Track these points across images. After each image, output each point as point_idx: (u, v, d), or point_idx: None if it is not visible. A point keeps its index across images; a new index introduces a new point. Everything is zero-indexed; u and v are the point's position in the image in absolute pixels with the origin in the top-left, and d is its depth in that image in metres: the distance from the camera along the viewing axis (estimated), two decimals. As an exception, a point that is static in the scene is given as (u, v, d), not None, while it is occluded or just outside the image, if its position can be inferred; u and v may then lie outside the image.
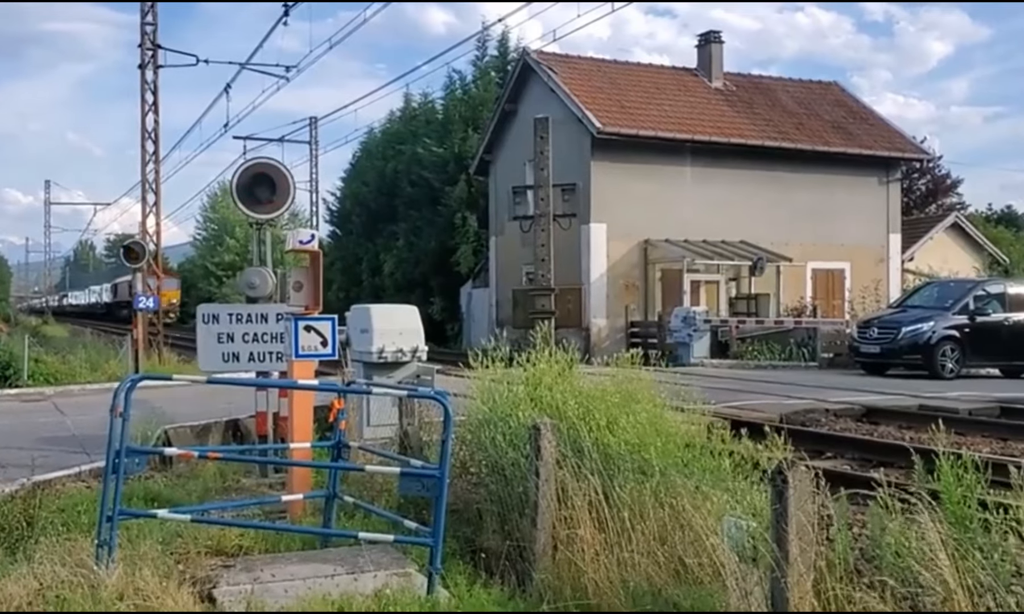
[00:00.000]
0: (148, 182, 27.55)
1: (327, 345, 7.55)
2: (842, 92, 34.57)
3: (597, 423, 6.80)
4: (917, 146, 34.99)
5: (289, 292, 8.08)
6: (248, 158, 11.64)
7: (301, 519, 7.19)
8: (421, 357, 9.31)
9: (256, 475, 9.04)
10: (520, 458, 6.54)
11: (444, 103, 40.84)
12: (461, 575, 5.85)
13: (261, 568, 5.69)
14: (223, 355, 9.29)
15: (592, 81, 29.37)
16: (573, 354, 8.02)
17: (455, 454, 7.09)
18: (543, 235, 10.33)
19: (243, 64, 29.50)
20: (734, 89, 31.68)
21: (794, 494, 4.09)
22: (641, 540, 5.52)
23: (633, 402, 7.22)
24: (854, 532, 5.66)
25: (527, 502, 6.21)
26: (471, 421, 7.48)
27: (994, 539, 4.56)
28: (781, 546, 4.08)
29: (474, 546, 6.61)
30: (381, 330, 9.16)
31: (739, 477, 5.80)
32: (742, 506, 5.29)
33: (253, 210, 9.78)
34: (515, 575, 6.08)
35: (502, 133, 31.80)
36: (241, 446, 10.29)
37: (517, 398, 7.35)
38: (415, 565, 5.82)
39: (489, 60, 40.39)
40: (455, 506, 7.01)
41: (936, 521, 4.45)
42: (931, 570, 4.31)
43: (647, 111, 28.59)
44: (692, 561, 5.19)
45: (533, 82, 29.95)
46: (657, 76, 31.65)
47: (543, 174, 10.20)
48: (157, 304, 25.47)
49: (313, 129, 49.17)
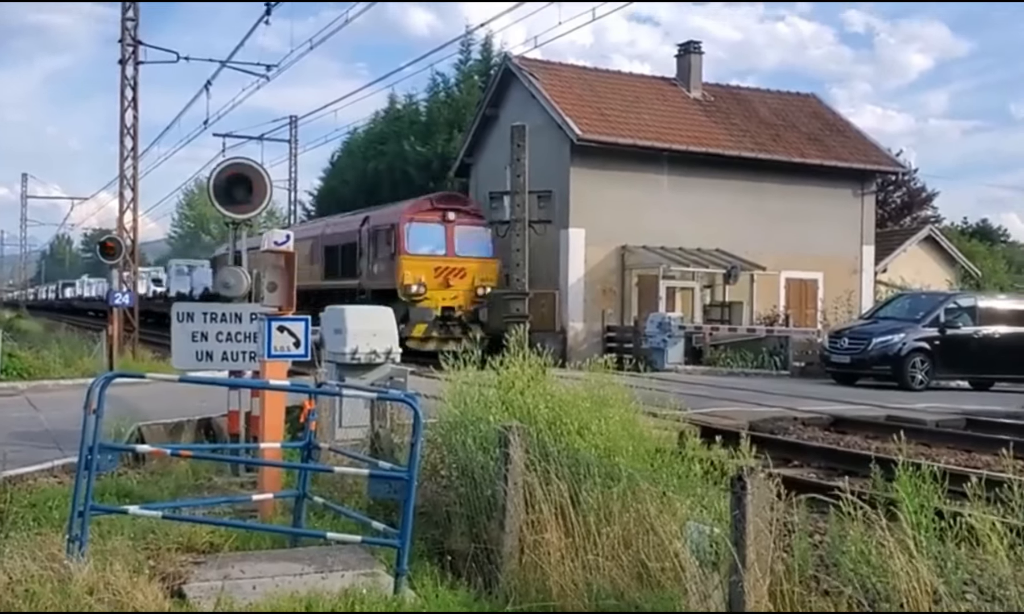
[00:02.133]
0: (126, 178, 27.44)
1: (300, 346, 7.60)
2: (819, 104, 34.88)
3: (568, 428, 6.90)
4: (892, 159, 35.35)
5: (263, 292, 8.13)
6: (227, 156, 11.65)
7: (271, 518, 7.24)
8: (395, 359, 9.37)
9: (228, 474, 9.08)
10: (490, 462, 6.62)
11: (428, 105, 40.88)
12: (428, 576, 5.92)
13: (231, 565, 5.74)
14: (197, 354, 9.31)
15: (573, 88, 29.51)
16: (547, 358, 8.10)
17: (425, 457, 7.16)
18: (519, 240, 10.43)
19: (224, 62, 29.47)
20: (712, 99, 31.91)
21: (752, 500, 4.20)
22: (606, 544, 5.61)
23: (605, 407, 7.31)
24: (815, 539, 5.79)
25: (495, 506, 6.30)
26: (442, 424, 7.56)
27: (949, 547, 4.69)
28: (739, 550, 4.19)
29: (442, 548, 6.69)
30: (355, 331, 9.21)
31: (706, 483, 5.91)
32: (707, 512, 5.39)
33: (230, 210, 9.81)
34: (482, 577, 6.16)
35: (483, 137, 31.89)
36: (213, 444, 10.32)
37: (488, 402, 7.43)
38: (383, 566, 5.90)
39: (473, 64, 40.49)
40: (424, 508, 7.09)
41: (890, 530, 4.57)
42: (886, 577, 4.44)
43: (626, 119, 28.77)
44: (655, 565, 5.29)
45: (515, 87, 30.06)
46: (637, 85, 31.85)
47: (520, 180, 10.30)
48: (133, 300, 25.36)
49: (293, 128, 49.07)
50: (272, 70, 28.98)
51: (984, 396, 18.70)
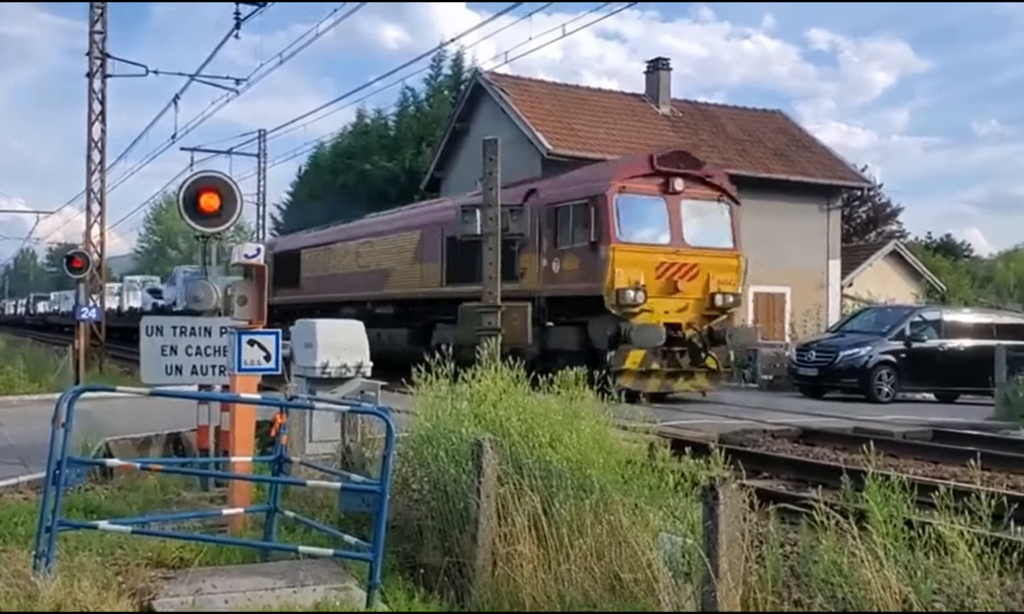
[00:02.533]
0: (93, 192, 27.17)
1: (270, 359, 7.56)
2: (785, 120, 35.26)
3: (540, 440, 6.90)
4: (858, 174, 35.78)
5: (233, 306, 8.08)
6: (195, 170, 11.60)
7: (242, 533, 7.18)
8: (366, 373, 9.33)
9: (197, 488, 8.99)
10: (462, 475, 6.61)
11: (397, 119, 40.90)
12: (400, 590, 5.91)
13: (201, 580, 5.69)
14: (166, 368, 9.24)
15: (543, 103, 29.64)
16: (519, 371, 8.10)
17: (397, 470, 7.13)
18: (491, 254, 10.44)
19: (193, 76, 29.33)
20: (680, 115, 32.17)
21: (725, 510, 4.23)
22: (579, 556, 5.63)
23: (576, 419, 7.33)
24: (786, 550, 5.83)
25: (468, 518, 6.29)
26: (414, 438, 7.53)
27: (918, 556, 4.74)
28: (712, 560, 4.21)
29: (414, 562, 6.67)
30: (326, 345, 9.16)
31: (677, 495, 5.93)
32: (680, 523, 5.42)
33: (199, 223, 9.76)
34: (454, 591, 6.14)
35: (453, 151, 31.95)
36: (183, 459, 10.23)
37: (460, 415, 7.42)
38: (355, 580, 5.86)
39: (443, 79, 40.59)
40: (396, 522, 7.06)
41: (861, 540, 4.61)
42: (856, 587, 4.48)
43: (596, 134, 28.92)
44: (628, 576, 5.30)
45: (485, 102, 30.15)
46: (606, 101, 32.05)
47: (491, 194, 10.32)
48: (100, 315, 25.09)
49: (262, 142, 48.85)
50: (241, 84, 28.91)
51: (950, 408, 18.92)
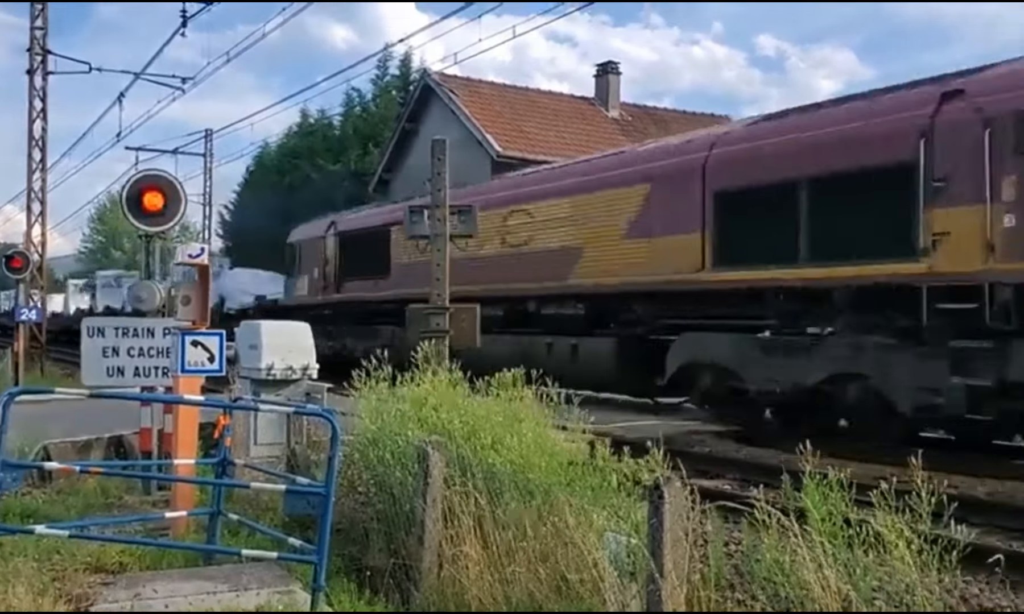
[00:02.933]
0: (34, 191, 26.63)
1: (214, 361, 7.47)
2: (733, 125, 35.64)
3: (482, 443, 6.89)
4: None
5: (177, 306, 7.97)
6: (139, 170, 11.42)
7: (185, 536, 7.08)
8: (311, 375, 9.25)
9: (139, 492, 8.84)
10: (408, 477, 6.59)
11: (343, 120, 40.67)
12: (345, 593, 5.86)
13: (142, 585, 5.60)
14: (107, 369, 9.09)
15: (493, 105, 29.64)
16: (455, 374, 8.06)
17: (343, 473, 7.08)
18: (439, 255, 10.40)
19: (138, 74, 28.89)
20: (630, 119, 32.37)
21: (670, 509, 4.25)
22: (525, 557, 5.63)
23: (518, 421, 7.32)
24: (730, 548, 5.88)
25: (414, 521, 6.26)
26: (360, 440, 7.49)
27: (857, 554, 4.80)
28: (657, 559, 4.23)
29: (359, 565, 6.63)
30: (271, 346, 9.07)
31: (622, 495, 5.96)
32: (625, 523, 5.44)
33: (143, 222, 9.61)
34: (400, 593, 6.12)
35: (402, 152, 31.81)
36: (124, 462, 10.05)
37: (405, 417, 7.39)
38: (299, 583, 5.81)
39: (390, 79, 40.44)
40: (341, 525, 7.01)
41: (802, 538, 4.66)
42: (798, 585, 4.53)
43: (546, 137, 28.99)
44: (574, 577, 5.31)
45: (434, 103, 30.07)
46: (556, 103, 32.14)
47: (440, 195, 10.27)
48: (40, 316, 24.58)
49: (208, 141, 48.24)
50: (187, 83, 28.52)
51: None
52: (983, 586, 5.89)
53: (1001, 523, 7.83)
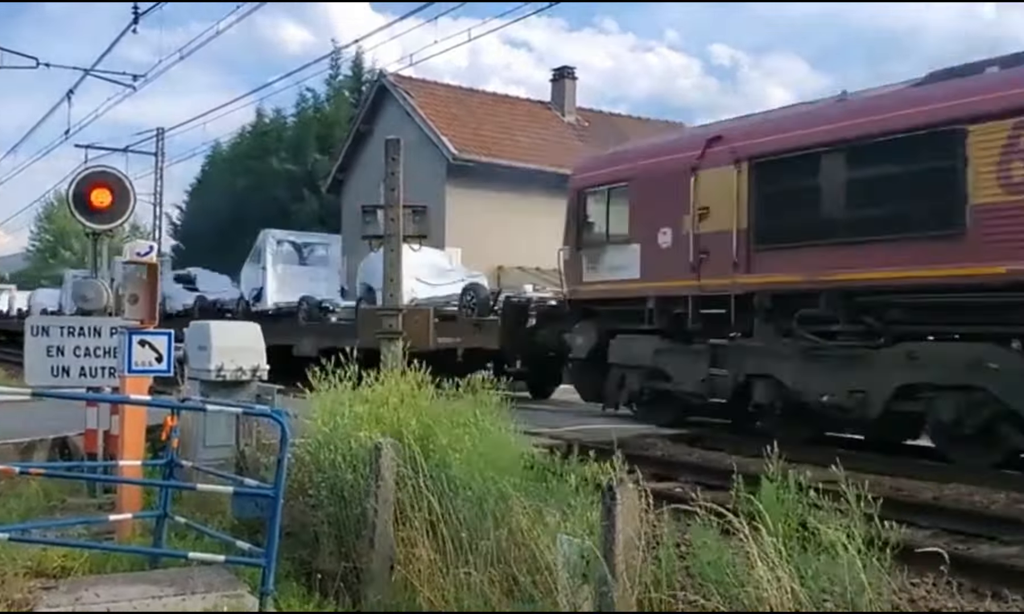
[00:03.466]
0: (-23, 187, 26.07)
1: (162, 361, 7.34)
2: (688, 132, 35.93)
3: (440, 444, 6.85)
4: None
5: (124, 305, 7.82)
6: (88, 166, 11.22)
7: (130, 540, 6.94)
8: (262, 376, 9.12)
9: (84, 494, 8.66)
10: (359, 480, 6.52)
11: (297, 120, 40.39)
12: (294, 596, 5.79)
13: (84, 589, 5.47)
14: (52, 369, 8.89)
15: (449, 108, 29.57)
16: (422, 375, 8.02)
17: (293, 476, 6.99)
18: (392, 255, 10.33)
19: (88, 70, 28.42)
20: (586, 125, 32.48)
21: (622, 511, 4.24)
22: (478, 559, 5.59)
23: (477, 423, 7.29)
24: (682, 550, 5.89)
25: (365, 523, 6.20)
26: (311, 443, 7.40)
27: (809, 556, 4.83)
28: (609, 560, 4.22)
29: (309, 568, 6.54)
30: (221, 347, 8.92)
31: (577, 497, 5.94)
32: (579, 525, 5.42)
33: (90, 220, 9.42)
34: (350, 596, 6.05)
35: (356, 153, 31.63)
36: (68, 463, 9.83)
37: (359, 419, 7.32)
38: (247, 586, 5.72)
39: (343, 80, 40.24)
40: (291, 529, 6.92)
41: (755, 541, 4.68)
42: (749, 586, 4.54)
43: (502, 140, 28.99)
44: (526, 579, 5.29)
45: (389, 104, 29.93)
46: (513, 107, 32.16)
47: (394, 194, 10.21)
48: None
49: (159, 140, 47.59)
50: (139, 80, 28.10)
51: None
52: (930, 588, 5.95)
53: (947, 526, 7.95)
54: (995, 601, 5.80)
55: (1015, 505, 8.77)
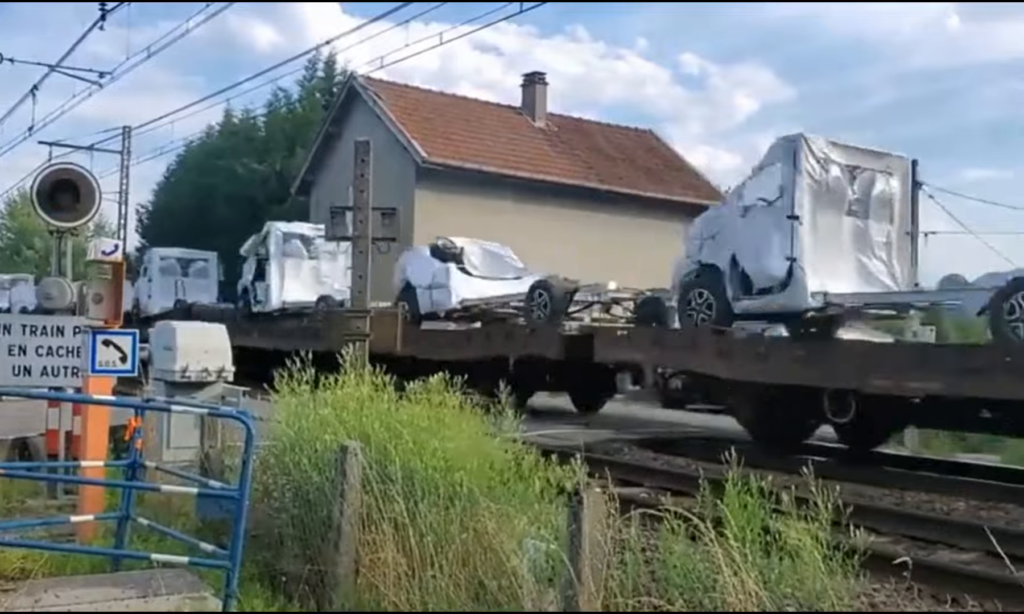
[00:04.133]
0: (-62, 183, 25.67)
1: (127, 361, 7.27)
2: (656, 140, 36.11)
3: (405, 447, 6.83)
4: (721, 195, 36.84)
5: (88, 304, 7.74)
6: (52, 162, 11.10)
7: (92, 541, 6.85)
8: (228, 378, 9.06)
9: (44, 496, 8.54)
10: (325, 482, 6.48)
11: (267, 120, 40.15)
12: (258, 599, 5.75)
13: (44, 591, 5.39)
14: (13, 369, 8.76)
15: (419, 111, 29.53)
16: (384, 377, 7.99)
17: (258, 478, 6.93)
18: (360, 257, 10.29)
19: (53, 66, 27.99)
20: (556, 130, 32.56)
21: (588, 515, 4.26)
22: (444, 563, 5.58)
23: (443, 427, 7.27)
24: (648, 555, 5.91)
25: (330, 526, 6.17)
26: (276, 445, 7.35)
27: (771, 561, 4.87)
28: (575, 565, 4.23)
29: (274, 571, 6.49)
30: (186, 348, 8.85)
31: (544, 502, 5.95)
32: (545, 529, 5.43)
33: (54, 217, 9.32)
34: (315, 599, 6.01)
35: (326, 155, 31.51)
36: (28, 464, 9.70)
37: (324, 421, 7.28)
38: (211, 589, 5.66)
39: (315, 81, 40.05)
40: (256, 531, 6.86)
41: (719, 545, 4.71)
42: (714, 590, 4.57)
43: (472, 145, 28.98)
44: (492, 583, 5.29)
45: (359, 106, 29.84)
46: (483, 111, 32.17)
47: (363, 196, 10.17)
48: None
49: (126, 139, 47.08)
50: (105, 77, 27.74)
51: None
52: (891, 592, 6.03)
53: (908, 532, 8.06)
54: (954, 605, 5.89)
55: (975, 512, 8.92)
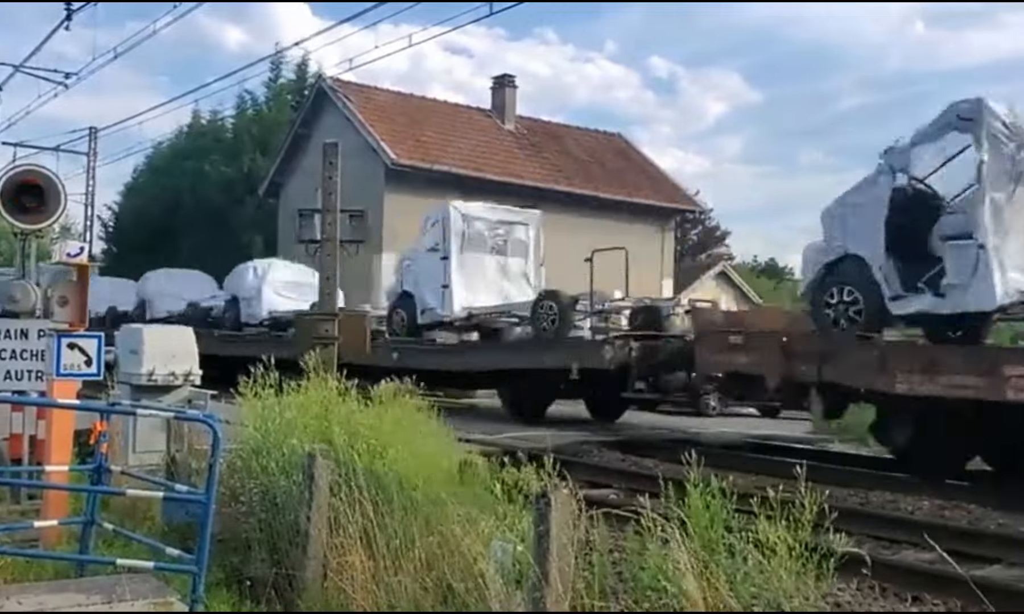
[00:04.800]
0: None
1: (92, 364, 7.20)
2: (625, 144, 36.27)
3: (371, 451, 6.82)
4: (691, 199, 37.12)
5: (53, 307, 7.66)
6: (16, 164, 10.97)
7: (56, 547, 6.78)
8: (194, 381, 9.01)
9: (7, 501, 8.42)
10: (292, 486, 6.47)
11: (235, 122, 39.88)
12: (225, 604, 5.72)
13: (6, 597, 5.33)
14: (-24, 373, 8.65)
15: (388, 112, 29.47)
16: (355, 381, 7.98)
17: (225, 482, 6.90)
18: (329, 260, 10.26)
19: (18, 66, 27.74)
20: (526, 132, 32.61)
21: (556, 516, 4.27)
22: (411, 566, 5.58)
23: (409, 430, 7.28)
24: (616, 556, 5.94)
25: (298, 530, 6.15)
26: (243, 449, 7.32)
27: (737, 562, 4.91)
28: (542, 566, 4.25)
29: (241, 575, 6.46)
30: (152, 351, 8.80)
31: (513, 504, 5.96)
32: (512, 531, 5.44)
33: (18, 219, 9.20)
34: (282, 604, 5.99)
35: (295, 157, 31.35)
36: (-9, 470, 9.58)
37: (291, 425, 7.25)
38: (177, 594, 5.62)
39: (284, 82, 39.85)
40: (223, 536, 6.82)
41: (683, 546, 4.74)
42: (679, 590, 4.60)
43: (442, 147, 28.95)
44: (460, 585, 5.29)
45: (329, 108, 29.74)
46: (453, 113, 32.15)
47: (331, 199, 10.15)
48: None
49: (92, 140, 46.59)
50: (72, 78, 27.48)
51: (771, 422, 19.76)
52: (856, 592, 6.09)
53: (873, 532, 8.13)
54: (916, 604, 5.96)
55: (938, 512, 9.03)
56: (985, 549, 7.40)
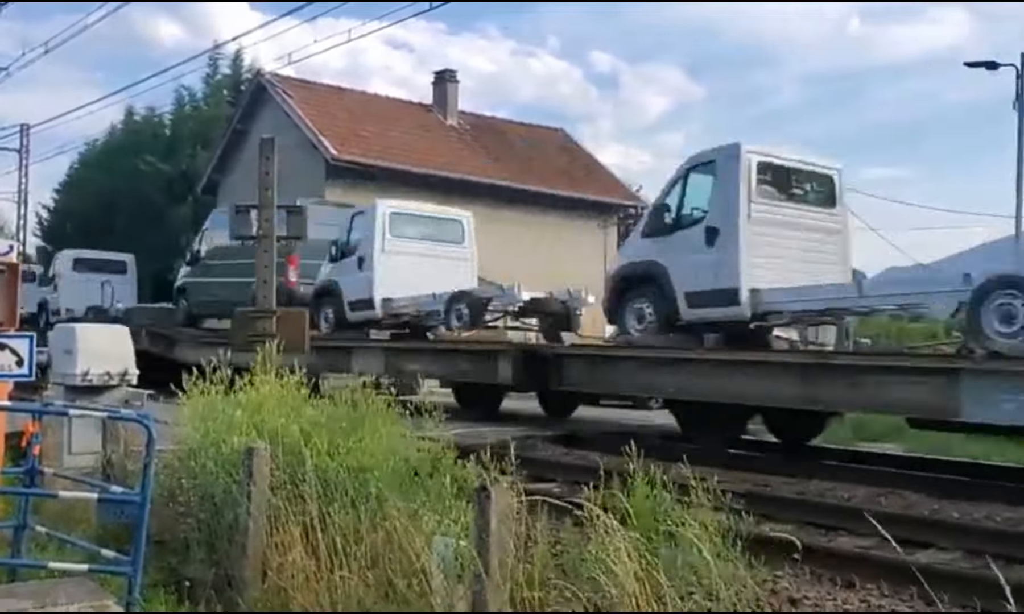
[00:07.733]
0: None
1: (23, 365, 7.03)
2: (567, 139, 36.41)
3: (319, 448, 6.76)
4: (633, 195, 37.31)
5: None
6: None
7: (-16, 553, 6.62)
8: (131, 381, 8.87)
9: (-65, 507, 8.22)
10: (232, 485, 6.39)
11: (172, 119, 39.28)
12: (163, 605, 5.64)
13: (-68, 606, 5.20)
14: (-99, 374, 8.41)
15: (328, 107, 29.24)
16: (300, 377, 7.90)
17: (162, 483, 6.80)
18: (265, 256, 10.14)
19: (-58, 60, 26.93)
20: (468, 128, 32.58)
21: (496, 508, 4.28)
22: (354, 564, 5.55)
23: (360, 427, 7.22)
24: (557, 548, 5.97)
25: (237, 529, 6.08)
26: (181, 448, 7.21)
27: (674, 551, 4.96)
28: (483, 558, 4.25)
29: (179, 576, 6.38)
30: (87, 351, 8.64)
31: (455, 499, 5.95)
32: (456, 526, 5.44)
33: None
34: (222, 604, 5.93)
35: (233, 153, 30.96)
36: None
37: (234, 424, 7.16)
38: (114, 597, 5.53)
39: (221, 78, 39.33)
40: (160, 537, 6.73)
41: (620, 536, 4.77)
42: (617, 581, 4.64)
43: (383, 142, 28.80)
44: (402, 582, 5.28)
45: (267, 104, 29.41)
46: (394, 108, 31.99)
47: (268, 194, 10.03)
48: None
49: (24, 137, 45.53)
50: (1, 74, 26.82)
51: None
52: (793, 579, 6.18)
53: (812, 519, 8.27)
54: (849, 590, 6.07)
55: (873, 498, 9.22)
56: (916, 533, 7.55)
